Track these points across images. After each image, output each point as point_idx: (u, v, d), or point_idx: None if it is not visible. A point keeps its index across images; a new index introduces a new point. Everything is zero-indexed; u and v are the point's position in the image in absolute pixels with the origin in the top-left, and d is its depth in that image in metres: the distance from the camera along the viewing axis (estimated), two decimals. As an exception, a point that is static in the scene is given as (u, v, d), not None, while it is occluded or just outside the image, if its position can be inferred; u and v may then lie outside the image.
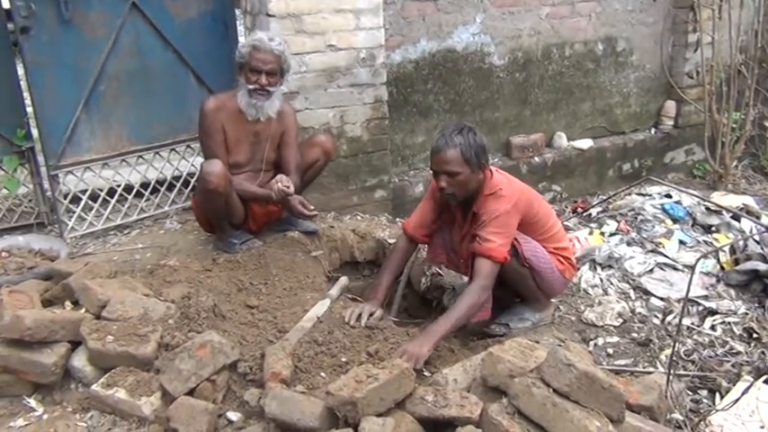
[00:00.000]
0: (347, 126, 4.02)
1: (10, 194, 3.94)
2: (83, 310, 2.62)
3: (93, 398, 2.32)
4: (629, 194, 4.44)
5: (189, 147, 4.08)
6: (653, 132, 5.55)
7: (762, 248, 3.54)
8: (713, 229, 3.97)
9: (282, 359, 2.38)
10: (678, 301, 3.29)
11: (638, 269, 3.55)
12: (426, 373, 2.57)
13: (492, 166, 2.94)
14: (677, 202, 4.17)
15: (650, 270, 3.56)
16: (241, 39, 4.23)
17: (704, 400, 2.67)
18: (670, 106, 5.48)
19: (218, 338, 2.39)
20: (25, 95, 3.76)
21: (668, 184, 3.95)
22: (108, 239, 3.77)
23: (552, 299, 3.16)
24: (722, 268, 3.59)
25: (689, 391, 2.68)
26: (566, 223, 4.26)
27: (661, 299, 3.34)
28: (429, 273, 3.50)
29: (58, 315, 2.49)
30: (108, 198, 3.86)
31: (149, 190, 4.01)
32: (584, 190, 5.26)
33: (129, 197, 3.94)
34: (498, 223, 2.74)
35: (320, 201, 4.06)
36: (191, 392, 2.27)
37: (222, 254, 3.41)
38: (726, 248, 3.65)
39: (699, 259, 2.53)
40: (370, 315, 2.88)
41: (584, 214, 4.43)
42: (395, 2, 4.25)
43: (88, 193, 3.79)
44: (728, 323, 3.18)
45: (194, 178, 3.96)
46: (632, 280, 3.50)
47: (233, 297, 3.03)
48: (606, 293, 3.40)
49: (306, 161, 3.55)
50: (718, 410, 2.47)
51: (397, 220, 4.19)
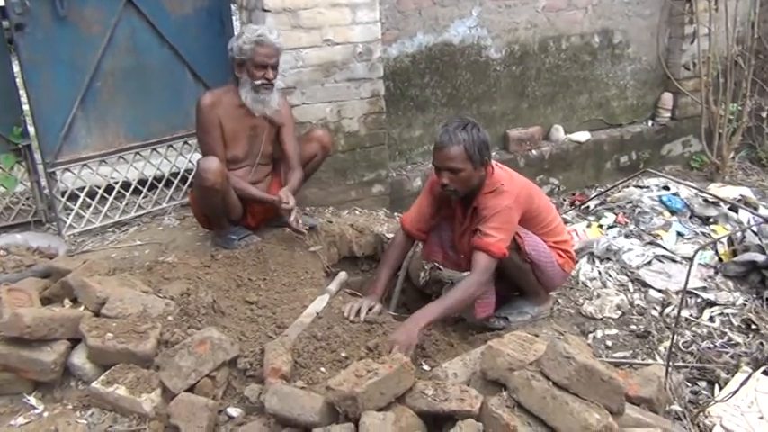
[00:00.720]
0: (344, 121, 4.02)
1: (7, 192, 3.93)
2: (82, 307, 2.62)
3: (94, 395, 2.32)
4: (626, 187, 4.44)
5: (186, 143, 4.07)
6: (650, 124, 5.55)
7: (759, 240, 3.54)
8: (711, 220, 3.98)
9: (282, 355, 2.38)
10: (676, 292, 3.30)
11: (637, 261, 3.56)
12: (426, 368, 2.57)
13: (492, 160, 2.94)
14: (675, 194, 4.18)
15: (648, 262, 3.56)
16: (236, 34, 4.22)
17: (703, 391, 2.67)
18: (667, 98, 5.48)
19: (217, 335, 2.40)
20: (21, 93, 3.74)
21: (666, 176, 3.95)
22: (106, 237, 3.76)
23: (552, 292, 3.17)
24: (720, 260, 3.59)
25: (688, 383, 2.69)
26: (564, 216, 4.27)
27: (659, 291, 3.35)
28: (428, 267, 3.49)
29: (57, 313, 2.49)
30: (106, 195, 3.86)
31: (147, 187, 4.00)
32: (581, 183, 5.27)
33: (127, 194, 3.93)
34: (499, 219, 2.74)
35: (318, 196, 4.06)
36: (191, 389, 2.28)
37: (221, 250, 3.41)
38: (724, 240, 3.65)
39: (697, 251, 2.54)
40: (369, 310, 2.89)
41: (582, 207, 4.43)
42: (391, -4, 4.24)
43: (86, 191, 3.79)
44: (727, 314, 3.19)
45: (192, 175, 3.96)
46: (631, 272, 3.50)
47: (232, 293, 3.04)
48: (605, 286, 3.41)
49: (304, 156, 3.56)
50: (716, 401, 2.48)
51: (396, 214, 4.19)
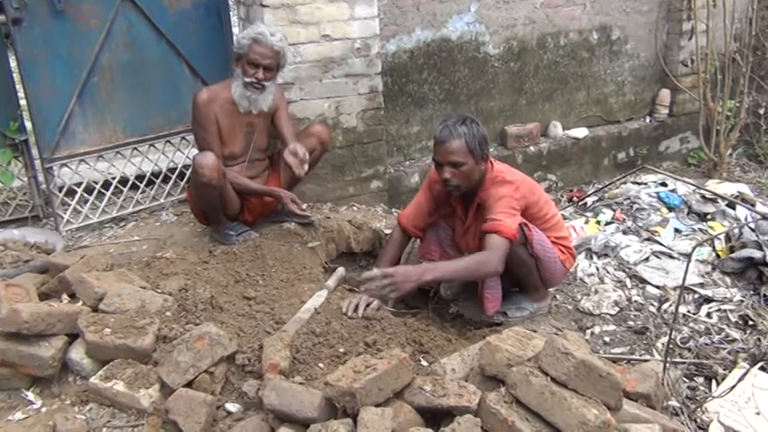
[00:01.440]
0: (342, 117, 4.01)
1: (4, 187, 3.92)
2: (80, 302, 2.62)
3: (92, 390, 2.32)
4: (624, 183, 4.45)
5: (184, 138, 4.06)
6: (648, 121, 5.56)
7: (757, 236, 3.55)
8: (708, 217, 3.98)
9: (280, 350, 2.38)
10: (674, 289, 3.31)
11: (634, 258, 3.56)
12: (424, 363, 2.57)
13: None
14: (672, 190, 4.18)
15: (646, 258, 3.57)
16: (235, 29, 4.22)
17: (700, 387, 2.68)
18: (665, 95, 5.48)
19: (215, 330, 2.39)
20: (18, 88, 3.73)
21: (663, 172, 3.95)
22: (104, 232, 3.76)
23: (551, 288, 3.17)
24: (718, 256, 3.60)
25: (685, 379, 2.69)
26: (562, 212, 4.26)
27: (657, 287, 3.36)
28: (422, 261, 3.51)
29: (55, 308, 2.48)
30: (103, 191, 3.85)
31: (145, 182, 4.00)
32: (579, 179, 5.27)
33: (125, 189, 3.93)
34: (504, 203, 2.75)
35: (316, 192, 4.06)
36: (189, 384, 2.27)
37: (219, 245, 3.41)
38: (721, 236, 3.65)
39: (695, 247, 2.54)
40: (368, 306, 2.88)
41: (580, 203, 4.44)
42: (389, -9, 4.24)
43: (83, 186, 3.78)
44: (724, 310, 3.19)
45: (189, 170, 3.95)
46: (628, 268, 3.51)
47: (230, 289, 3.03)
48: (602, 282, 3.41)
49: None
50: (714, 397, 2.49)
51: (393, 210, 4.19)
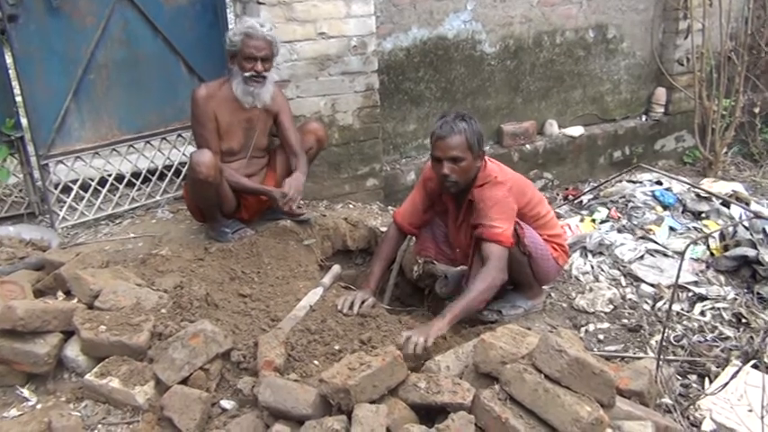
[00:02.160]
0: (338, 114, 4.01)
1: (0, 184, 3.91)
2: (75, 300, 2.62)
3: (87, 387, 2.33)
4: (619, 181, 4.45)
5: (180, 136, 4.06)
6: (643, 119, 5.57)
7: (751, 234, 3.56)
8: (703, 215, 3.99)
9: (275, 347, 2.39)
10: (668, 287, 3.32)
11: (629, 256, 3.57)
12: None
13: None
14: (667, 188, 4.19)
15: (641, 257, 3.58)
16: (231, 26, 4.21)
17: (694, 384, 2.69)
18: (660, 93, 5.49)
19: (210, 327, 2.40)
20: (14, 85, 3.73)
21: (659, 170, 3.97)
22: (99, 229, 3.76)
23: (545, 286, 3.18)
24: (712, 254, 3.61)
25: (678, 376, 2.70)
26: (557, 210, 4.28)
27: (651, 285, 3.36)
28: (421, 261, 3.51)
29: (50, 305, 2.49)
30: (99, 188, 3.85)
31: (140, 179, 3.99)
32: (575, 177, 5.28)
33: (121, 187, 3.92)
34: (500, 208, 2.76)
35: (312, 189, 4.06)
36: (184, 381, 2.29)
37: (214, 243, 3.41)
38: (715, 235, 3.67)
39: (688, 245, 2.55)
40: (363, 303, 2.89)
41: (576, 201, 4.45)
42: (386, -11, 4.24)
43: (79, 183, 3.78)
44: (718, 309, 3.21)
45: (186, 167, 3.95)
46: (623, 266, 3.52)
47: (225, 286, 3.04)
48: (597, 280, 3.42)
49: (298, 149, 3.55)
50: (707, 395, 2.50)
51: (389, 208, 4.19)
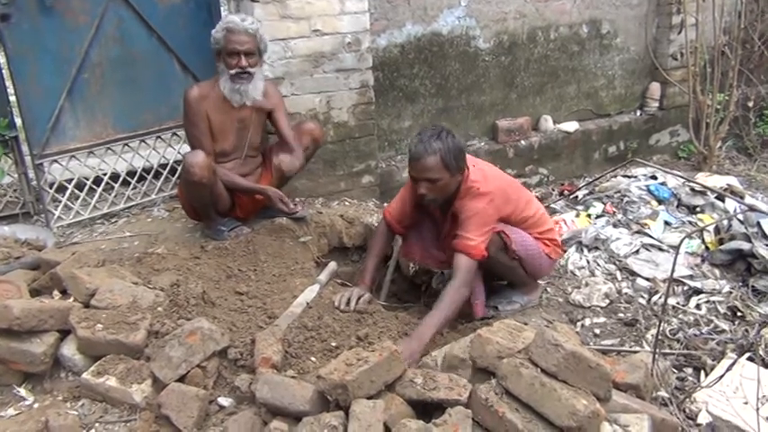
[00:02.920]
0: (333, 112, 4.01)
1: (-6, 184, 3.91)
2: (71, 299, 2.62)
3: (84, 386, 2.33)
4: (614, 176, 4.46)
5: (175, 134, 4.06)
6: (638, 114, 5.57)
7: (745, 228, 3.57)
8: (698, 209, 4.00)
9: (273, 345, 2.39)
10: (663, 281, 3.33)
11: (625, 250, 3.59)
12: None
13: (475, 151, 2.94)
14: (662, 183, 4.20)
15: (636, 251, 3.59)
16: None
17: (689, 377, 2.70)
18: (655, 88, 5.50)
19: (207, 325, 2.40)
20: (8, 84, 3.71)
21: (653, 165, 3.98)
22: (95, 228, 3.75)
23: (540, 280, 3.19)
24: (707, 248, 3.62)
25: (674, 369, 2.71)
26: (552, 206, 4.29)
27: (647, 279, 3.38)
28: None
29: (46, 304, 2.48)
30: (94, 187, 3.84)
31: (136, 178, 3.99)
32: (570, 172, 5.29)
33: (116, 185, 3.92)
34: (477, 221, 2.75)
35: (308, 187, 4.06)
36: (181, 379, 2.28)
37: (210, 241, 3.41)
38: (710, 228, 3.68)
39: (683, 239, 2.56)
40: (359, 299, 2.90)
41: (571, 197, 4.45)
42: (380, -14, 4.23)
43: (74, 182, 3.77)
44: (713, 302, 3.22)
45: (181, 166, 3.94)
46: (618, 261, 3.53)
47: (222, 284, 3.04)
48: (593, 275, 3.43)
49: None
50: (702, 387, 2.51)
51: (385, 204, 4.18)
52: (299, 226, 3.61)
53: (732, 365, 2.50)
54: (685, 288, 3.33)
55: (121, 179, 3.93)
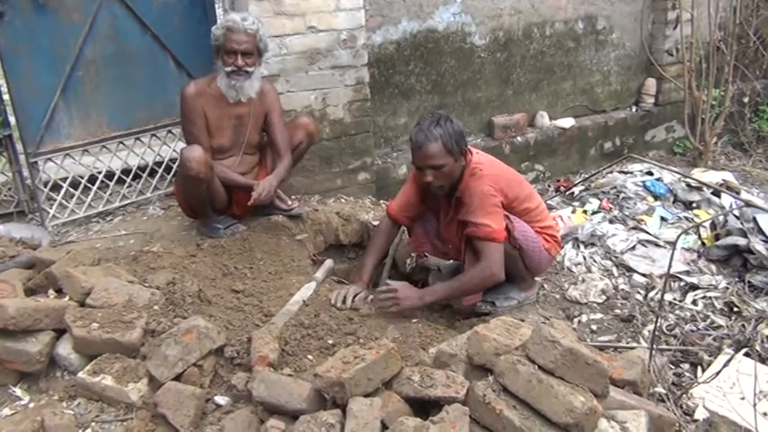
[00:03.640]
0: (329, 108, 4.00)
1: (-12, 183, 3.89)
2: (66, 297, 2.60)
3: (80, 385, 2.32)
4: (610, 172, 4.47)
5: (170, 132, 4.04)
6: (634, 110, 5.58)
7: (741, 223, 3.58)
8: (694, 205, 4.01)
9: (269, 343, 2.39)
10: (660, 276, 3.34)
11: (621, 246, 3.59)
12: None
13: (472, 146, 2.95)
14: (658, 179, 4.21)
15: (632, 247, 3.59)
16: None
17: (686, 373, 2.71)
18: (650, 84, 5.51)
19: (203, 323, 2.39)
20: (1, 83, 3.69)
21: (649, 161, 3.99)
22: (90, 227, 3.73)
23: (537, 277, 3.19)
24: (703, 244, 3.63)
25: (671, 365, 2.72)
26: (549, 202, 4.29)
27: (643, 275, 3.38)
28: (414, 254, 3.52)
29: (41, 303, 2.47)
30: (89, 185, 3.83)
31: (131, 176, 3.97)
32: (566, 169, 5.30)
33: (111, 184, 3.90)
34: (486, 205, 2.75)
35: (304, 184, 4.05)
36: (178, 378, 2.28)
37: (206, 239, 3.40)
38: (706, 224, 3.68)
39: (680, 235, 2.56)
40: (356, 296, 2.89)
41: (567, 193, 4.46)
42: (375, -18, 4.23)
43: (69, 181, 3.75)
44: (709, 298, 3.23)
45: (176, 164, 3.93)
46: (615, 257, 3.53)
47: (218, 282, 3.03)
48: (589, 271, 3.43)
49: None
50: (699, 383, 2.51)
51: (381, 202, 4.19)
52: (295, 224, 3.60)
53: (729, 361, 2.51)
54: (682, 284, 3.33)
55: (116, 177, 3.91)
